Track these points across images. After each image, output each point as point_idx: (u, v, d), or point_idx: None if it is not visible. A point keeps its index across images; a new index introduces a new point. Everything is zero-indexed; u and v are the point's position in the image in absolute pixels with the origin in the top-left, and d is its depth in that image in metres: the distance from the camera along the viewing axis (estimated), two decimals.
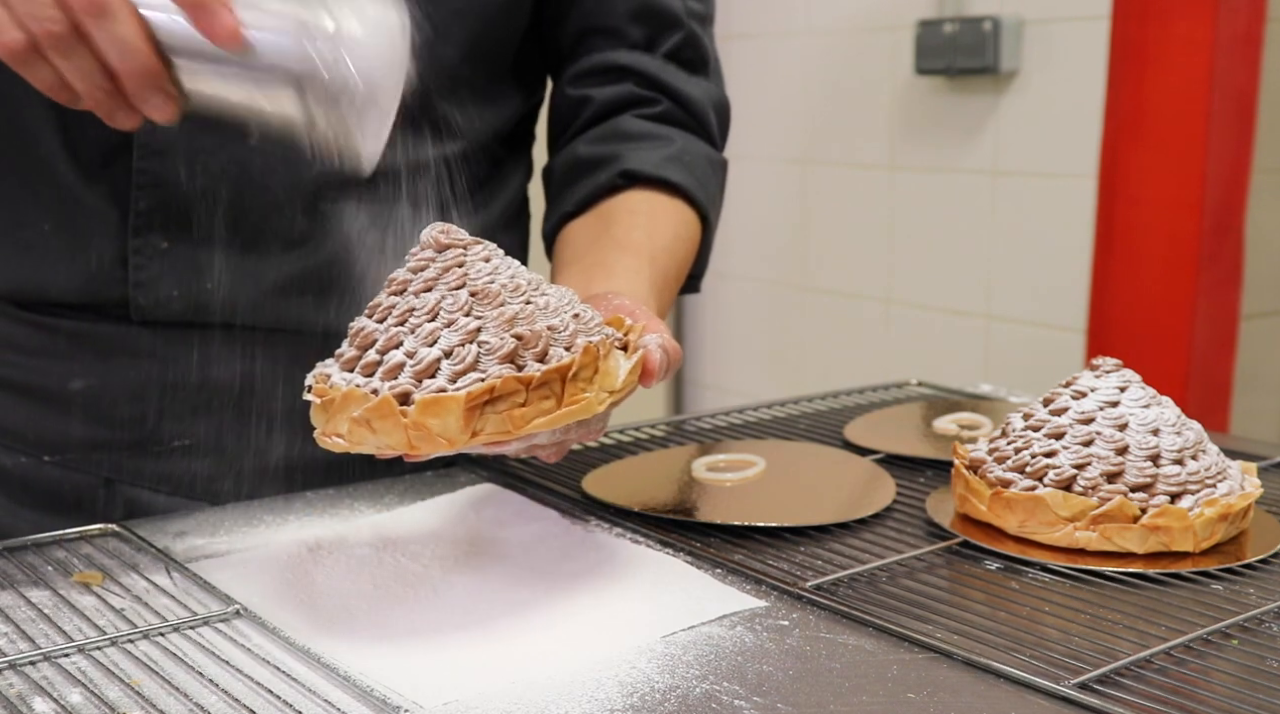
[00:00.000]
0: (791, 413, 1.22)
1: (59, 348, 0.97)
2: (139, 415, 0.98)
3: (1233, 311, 2.00)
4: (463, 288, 0.72)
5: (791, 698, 0.64)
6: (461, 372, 0.69)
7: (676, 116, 1.05)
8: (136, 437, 0.98)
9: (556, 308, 0.74)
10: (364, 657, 0.68)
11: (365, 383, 0.71)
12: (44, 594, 0.76)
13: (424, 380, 0.69)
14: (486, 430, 0.69)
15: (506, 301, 0.72)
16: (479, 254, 0.74)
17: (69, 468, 0.99)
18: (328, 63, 0.71)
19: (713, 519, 0.88)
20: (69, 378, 0.97)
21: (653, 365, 0.76)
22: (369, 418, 0.69)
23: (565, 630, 0.72)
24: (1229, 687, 0.65)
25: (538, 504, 0.93)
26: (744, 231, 2.76)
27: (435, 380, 0.69)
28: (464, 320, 0.71)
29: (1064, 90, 2.12)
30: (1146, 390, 0.87)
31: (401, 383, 0.69)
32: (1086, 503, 0.82)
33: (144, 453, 0.98)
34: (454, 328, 0.71)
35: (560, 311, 0.74)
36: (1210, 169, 1.90)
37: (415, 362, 0.70)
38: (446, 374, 0.69)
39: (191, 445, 0.99)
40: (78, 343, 0.97)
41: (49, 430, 0.98)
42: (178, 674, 0.66)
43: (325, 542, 0.86)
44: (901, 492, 0.95)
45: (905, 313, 2.45)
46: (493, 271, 0.74)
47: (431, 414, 0.68)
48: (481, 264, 0.74)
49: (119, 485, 0.99)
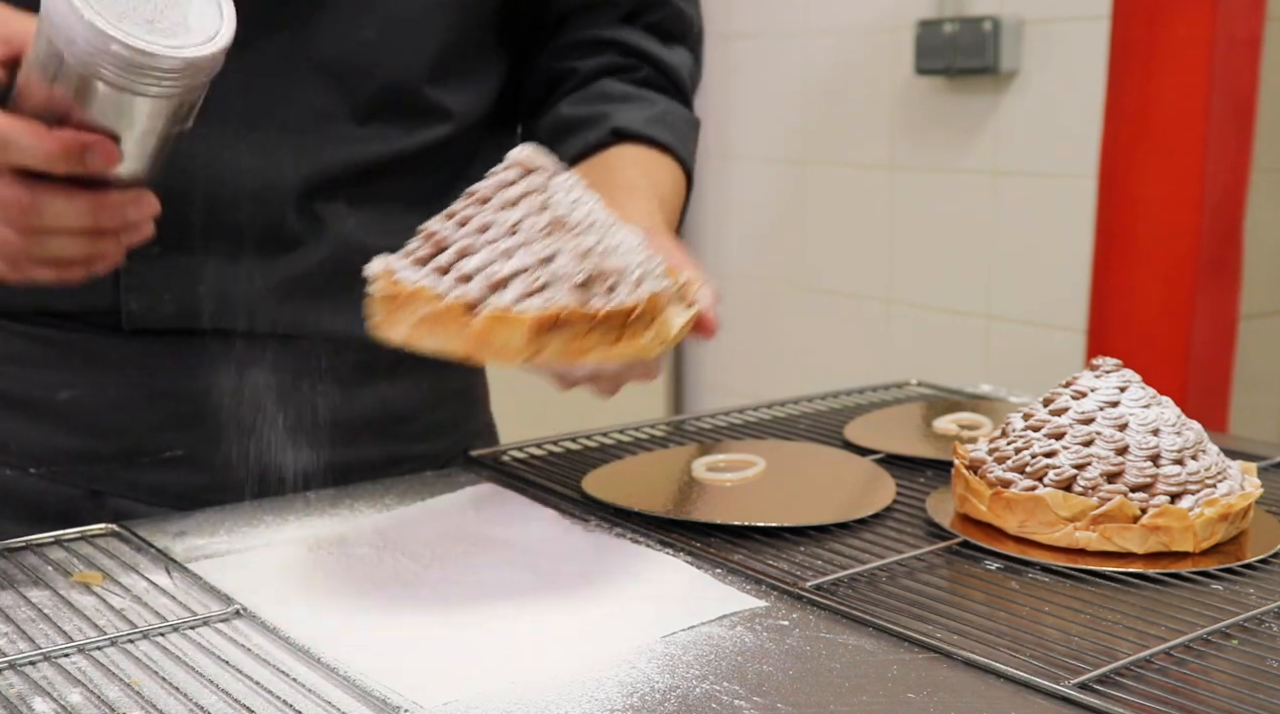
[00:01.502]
0: (791, 413, 1.22)
1: (47, 358, 0.96)
2: (128, 426, 0.96)
3: (1232, 312, 2.00)
4: (545, 212, 0.74)
5: (791, 698, 0.64)
6: (531, 292, 0.71)
7: (656, 81, 1.07)
8: (126, 447, 0.97)
9: (628, 249, 0.75)
10: (364, 657, 0.68)
11: (433, 283, 0.72)
12: (44, 594, 0.76)
13: (494, 293, 0.71)
14: (545, 353, 0.70)
15: (583, 234, 0.74)
16: (563, 183, 0.76)
17: (55, 480, 0.97)
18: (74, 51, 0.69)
19: (713, 519, 0.88)
20: (57, 388, 0.96)
21: (710, 323, 0.80)
22: (434, 320, 0.70)
23: (565, 630, 0.72)
24: (1229, 687, 0.65)
25: (538, 504, 0.93)
26: (744, 231, 2.76)
27: (505, 294, 0.70)
28: (541, 243, 0.72)
29: (1064, 90, 2.12)
30: (1146, 390, 0.87)
31: (470, 292, 0.70)
32: (1086, 503, 0.82)
33: (133, 464, 0.97)
34: (529, 248, 0.72)
35: (631, 253, 0.75)
36: (1210, 169, 1.90)
37: (488, 273, 0.71)
38: (516, 291, 0.71)
39: (182, 456, 0.98)
40: (66, 353, 0.95)
41: (35, 442, 0.96)
42: (178, 674, 0.66)
43: (325, 542, 0.86)
44: (901, 492, 0.95)
45: (905, 313, 2.45)
46: (574, 202, 0.75)
47: (497, 329, 0.69)
48: (563, 194, 0.75)
49: (107, 497, 0.97)
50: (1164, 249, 1.94)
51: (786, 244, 2.67)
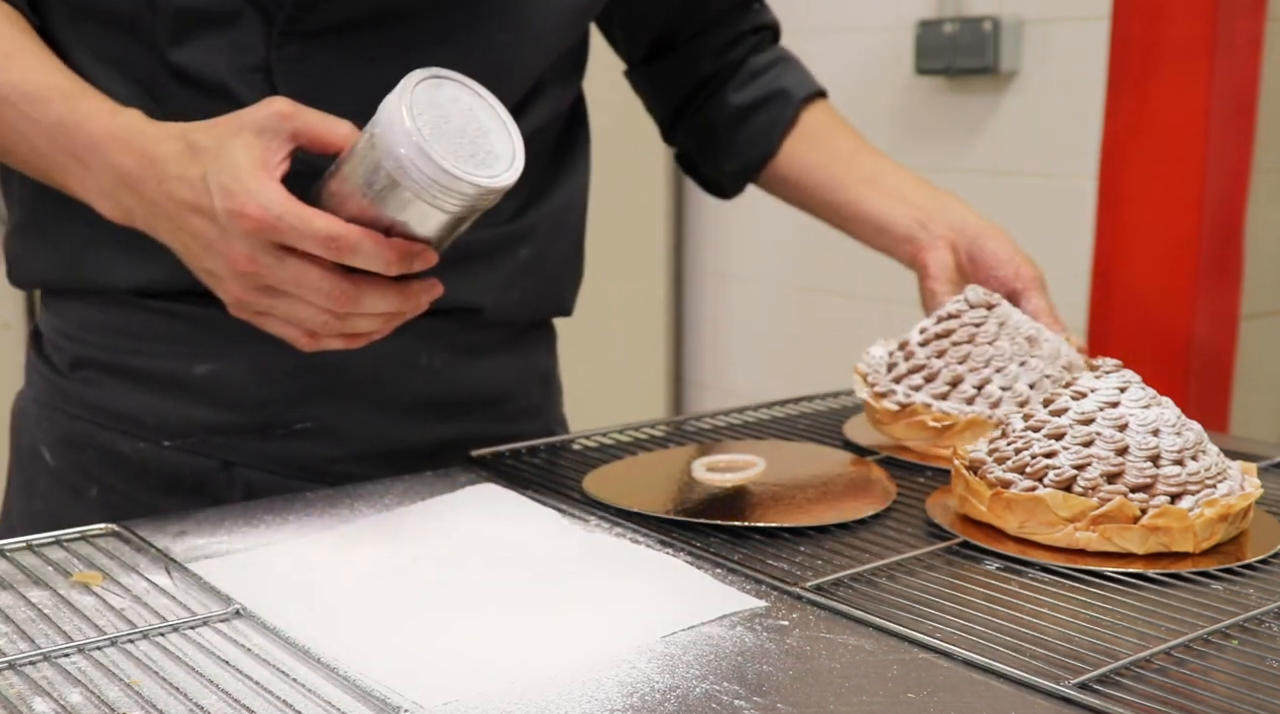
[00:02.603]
0: (791, 413, 1.22)
1: (183, 334, 0.99)
2: (262, 399, 1.00)
3: (1233, 311, 2.00)
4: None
5: (791, 698, 0.64)
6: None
7: (764, 39, 1.26)
8: (260, 420, 1.00)
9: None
10: (364, 657, 0.68)
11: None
12: (44, 594, 0.76)
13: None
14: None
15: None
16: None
17: (189, 451, 1.00)
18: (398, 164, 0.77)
19: (713, 519, 0.88)
20: (193, 363, 0.99)
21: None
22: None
23: (565, 630, 0.72)
24: (1229, 687, 0.65)
25: (538, 504, 0.93)
26: (744, 231, 2.76)
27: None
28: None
29: (1064, 90, 2.12)
30: (1146, 391, 0.87)
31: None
32: (1086, 503, 0.82)
33: (267, 436, 1.01)
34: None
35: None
36: (1210, 169, 1.90)
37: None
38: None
39: (313, 428, 1.01)
40: (202, 329, 0.98)
41: (170, 416, 1.00)
42: (178, 674, 0.66)
43: (325, 541, 0.86)
44: (901, 492, 0.95)
45: (905, 313, 2.45)
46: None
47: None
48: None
49: (238, 468, 1.01)
50: (1164, 249, 1.95)
51: (786, 244, 2.67)
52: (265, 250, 0.78)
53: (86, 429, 1.02)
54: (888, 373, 1.07)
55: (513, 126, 0.80)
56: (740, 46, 1.22)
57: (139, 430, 1.01)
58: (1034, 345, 1.03)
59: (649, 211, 2.80)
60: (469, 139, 0.78)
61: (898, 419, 1.03)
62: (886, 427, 1.05)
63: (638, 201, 2.74)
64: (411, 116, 0.76)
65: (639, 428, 1.14)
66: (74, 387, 1.03)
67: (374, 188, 0.78)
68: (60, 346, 1.03)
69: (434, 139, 0.76)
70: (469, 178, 0.76)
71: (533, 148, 1.05)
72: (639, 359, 2.86)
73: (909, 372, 1.05)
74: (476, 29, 0.97)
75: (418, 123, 0.76)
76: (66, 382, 1.03)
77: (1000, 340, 1.03)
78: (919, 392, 1.03)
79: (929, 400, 1.03)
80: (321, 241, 0.77)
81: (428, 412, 1.05)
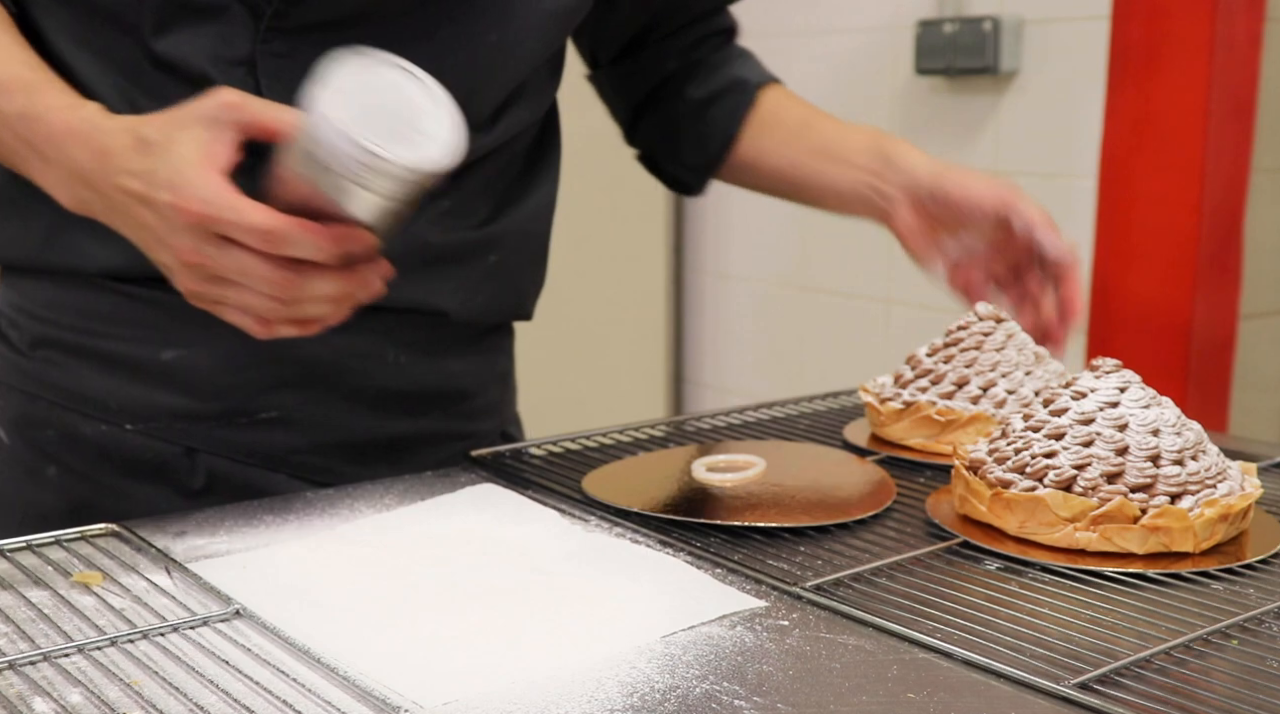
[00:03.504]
0: (791, 413, 1.22)
1: (151, 319, 0.99)
2: (227, 387, 1.00)
3: (1232, 311, 2.00)
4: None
5: (791, 698, 0.64)
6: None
7: (725, 39, 1.26)
8: (224, 408, 1.00)
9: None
10: (364, 657, 0.68)
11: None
12: (44, 594, 0.76)
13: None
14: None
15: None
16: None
17: (152, 436, 1.01)
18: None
19: (713, 519, 0.88)
20: (160, 349, 0.99)
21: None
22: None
23: (565, 630, 0.72)
24: (1229, 687, 0.65)
25: (538, 504, 0.93)
26: (744, 231, 2.76)
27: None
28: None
29: (1064, 90, 2.12)
30: (1146, 391, 0.87)
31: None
32: (1086, 503, 0.82)
33: (230, 424, 1.01)
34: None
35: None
36: (1210, 169, 1.90)
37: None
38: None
39: (276, 418, 1.02)
40: (170, 314, 0.98)
41: (134, 400, 1.00)
42: (178, 674, 0.66)
43: (325, 541, 0.86)
44: (901, 492, 0.95)
45: (905, 313, 2.45)
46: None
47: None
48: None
49: (200, 454, 1.01)
50: (1164, 249, 1.95)
51: (786, 244, 2.67)
52: (208, 242, 0.79)
53: (46, 409, 1.02)
54: (894, 384, 1.08)
55: (453, 110, 0.79)
56: (704, 46, 1.23)
57: (102, 412, 1.01)
58: (1040, 362, 1.07)
59: (648, 212, 2.80)
60: (403, 121, 0.77)
61: (901, 417, 1.04)
62: (890, 427, 1.05)
63: (637, 201, 2.74)
64: (338, 100, 0.75)
65: (639, 428, 1.15)
66: (34, 366, 1.02)
67: (310, 173, 0.77)
68: (20, 325, 1.03)
69: (362, 121, 0.75)
70: (398, 160, 0.75)
71: (507, 154, 1.07)
72: (639, 359, 2.86)
73: (915, 377, 1.07)
74: (463, 28, 0.97)
75: (347, 106, 0.75)
76: (26, 360, 1.03)
77: (1008, 349, 1.06)
78: (925, 393, 1.06)
79: (934, 399, 1.04)
80: (257, 235, 0.78)
81: (390, 406, 1.06)
